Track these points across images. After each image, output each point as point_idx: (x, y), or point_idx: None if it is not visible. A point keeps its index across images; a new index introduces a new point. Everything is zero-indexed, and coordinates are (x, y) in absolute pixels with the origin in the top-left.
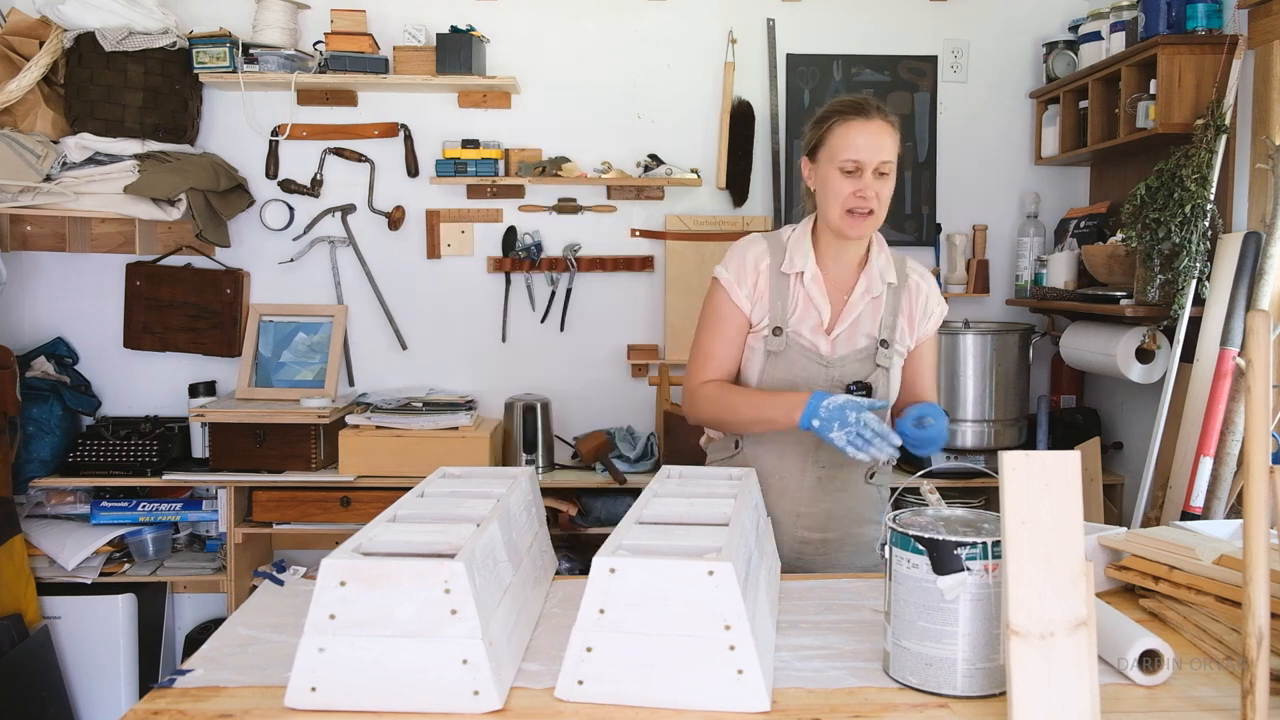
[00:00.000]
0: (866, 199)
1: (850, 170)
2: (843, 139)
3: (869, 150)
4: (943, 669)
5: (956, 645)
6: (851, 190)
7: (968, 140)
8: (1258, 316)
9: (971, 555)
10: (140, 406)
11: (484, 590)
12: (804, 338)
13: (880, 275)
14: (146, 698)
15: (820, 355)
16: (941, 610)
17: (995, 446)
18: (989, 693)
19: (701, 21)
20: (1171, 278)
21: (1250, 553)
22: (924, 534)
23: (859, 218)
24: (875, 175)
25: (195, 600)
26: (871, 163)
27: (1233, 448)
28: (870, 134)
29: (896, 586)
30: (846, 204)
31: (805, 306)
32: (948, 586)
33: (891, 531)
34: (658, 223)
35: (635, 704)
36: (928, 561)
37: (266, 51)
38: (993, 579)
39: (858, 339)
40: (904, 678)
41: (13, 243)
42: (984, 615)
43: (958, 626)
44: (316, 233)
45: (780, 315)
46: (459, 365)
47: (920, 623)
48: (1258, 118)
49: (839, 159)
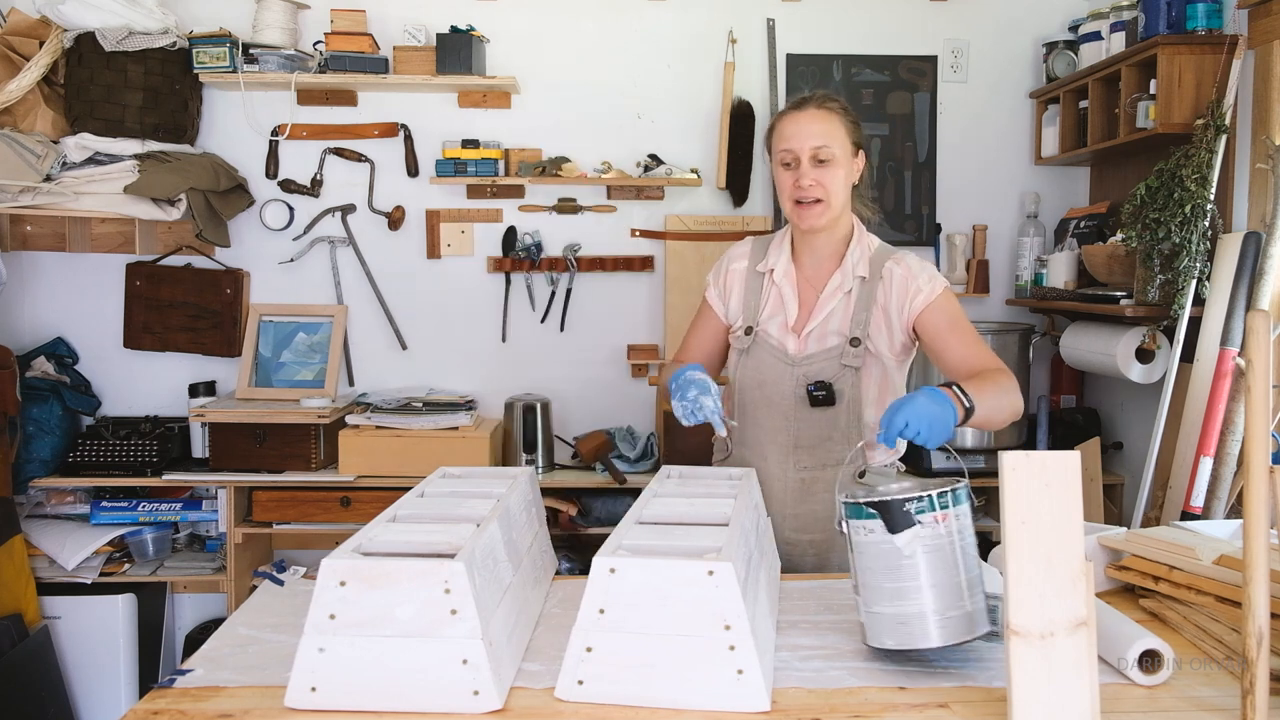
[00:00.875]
0: (804, 188)
1: (788, 163)
2: (778, 134)
3: (799, 138)
4: (916, 624)
5: (923, 598)
6: (792, 182)
7: (968, 140)
8: (1258, 316)
9: (920, 509)
10: (140, 406)
11: (484, 590)
12: (772, 336)
13: (853, 269)
14: (146, 698)
15: (787, 354)
16: (902, 568)
17: (995, 446)
18: (962, 639)
19: (701, 21)
20: (1171, 278)
21: (1250, 553)
22: (872, 499)
23: (805, 208)
24: (813, 163)
25: (195, 600)
26: (803, 150)
27: (1233, 448)
28: (800, 123)
29: (859, 556)
30: (792, 195)
31: (775, 305)
32: (904, 542)
33: (844, 505)
34: (658, 223)
35: (635, 704)
36: (881, 524)
37: (266, 51)
38: (944, 529)
39: (828, 337)
40: (881, 642)
41: (13, 243)
42: (943, 565)
43: (920, 580)
44: (316, 233)
45: (753, 314)
46: (459, 365)
47: (887, 585)
48: (1258, 118)
49: (777, 154)
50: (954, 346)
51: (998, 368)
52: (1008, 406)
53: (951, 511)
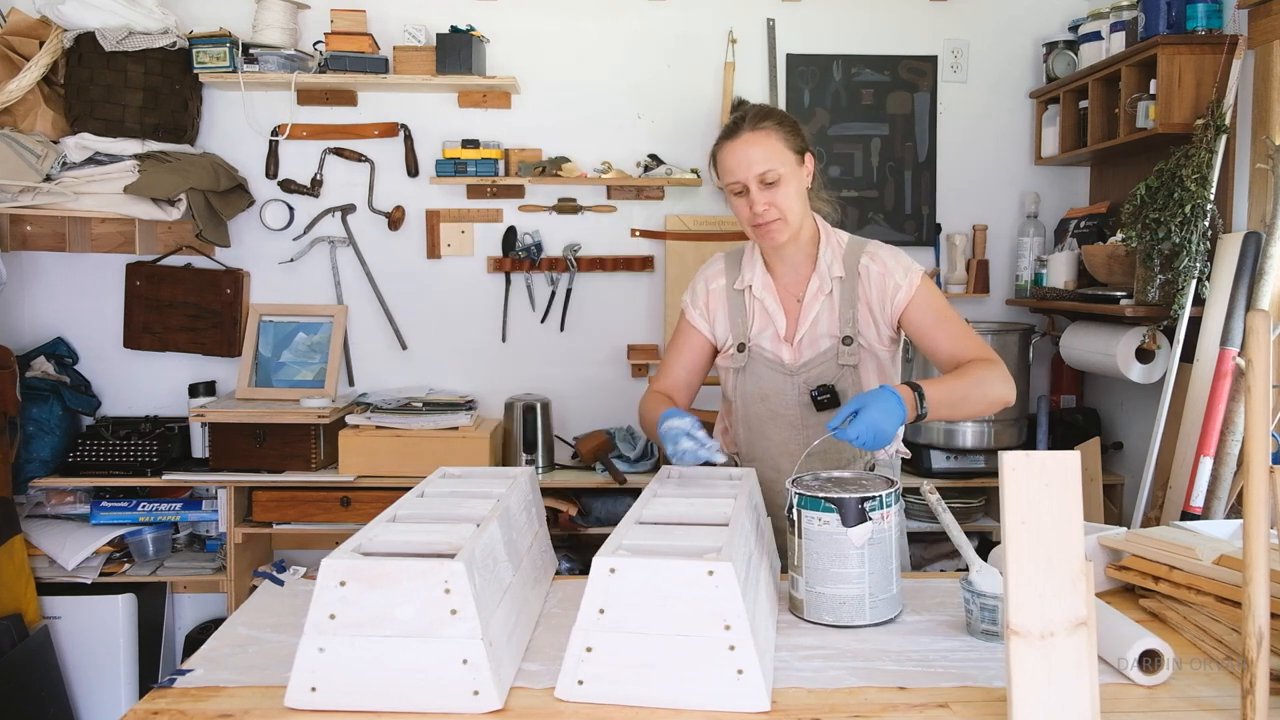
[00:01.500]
0: (759, 213)
1: (737, 192)
2: (721, 166)
3: (741, 168)
4: (852, 605)
5: (863, 584)
6: (746, 208)
7: (968, 140)
8: (1258, 316)
9: (873, 507)
10: (140, 406)
11: (484, 590)
12: (766, 350)
13: (828, 270)
14: (146, 698)
15: (784, 365)
16: (849, 556)
17: (995, 446)
18: (887, 619)
19: (701, 21)
20: (1171, 278)
21: (1250, 553)
22: (831, 495)
23: (765, 228)
24: (761, 186)
25: (195, 600)
26: (749, 178)
27: (1233, 448)
28: (738, 152)
29: (807, 543)
30: (750, 222)
31: (762, 318)
32: (859, 535)
33: (800, 497)
34: (658, 223)
35: (635, 704)
36: (837, 517)
37: (266, 51)
38: (886, 525)
39: (820, 341)
40: (819, 618)
41: (13, 243)
42: (881, 555)
43: (864, 568)
44: (316, 233)
45: (741, 331)
46: (459, 365)
47: (833, 569)
48: (1258, 118)
49: (725, 184)
50: (940, 341)
51: (984, 358)
52: (983, 398)
53: (893, 509)
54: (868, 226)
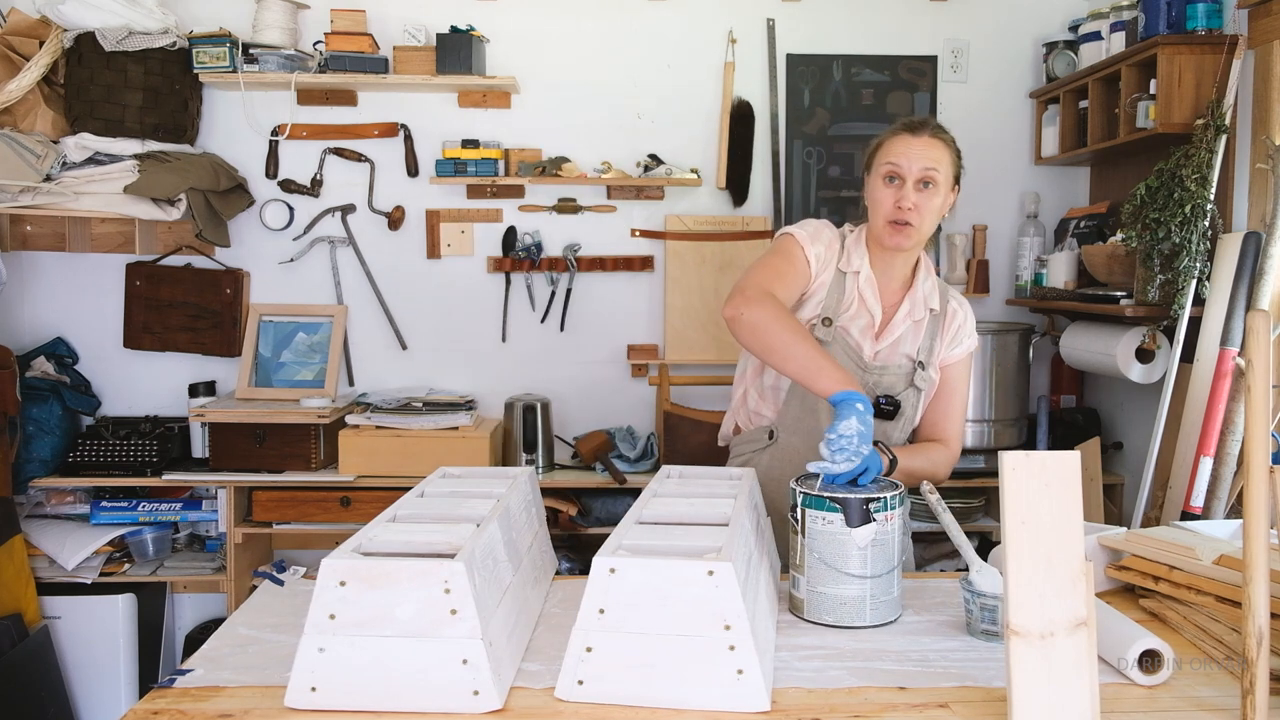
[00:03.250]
0: (904, 209)
1: (893, 177)
2: (888, 151)
3: (911, 157)
4: (853, 606)
5: (864, 585)
6: (893, 200)
7: (967, 140)
8: (1258, 316)
9: (877, 509)
10: (140, 406)
11: (484, 590)
12: (851, 336)
13: (925, 300)
14: (146, 698)
15: (862, 358)
16: (852, 557)
17: (995, 446)
18: (888, 620)
19: (701, 21)
20: (1171, 278)
21: (1250, 553)
22: (835, 495)
23: (898, 228)
24: (917, 187)
25: (195, 600)
26: (911, 171)
27: (1233, 448)
28: (914, 146)
29: (810, 541)
30: (889, 215)
31: (858, 306)
32: (862, 536)
33: (804, 496)
34: (658, 223)
35: (635, 704)
36: (841, 518)
37: (266, 51)
38: (889, 527)
39: (898, 356)
40: (819, 618)
41: (13, 243)
42: (884, 557)
43: (866, 569)
44: (316, 233)
45: (834, 308)
46: (459, 365)
47: (835, 570)
48: (1258, 118)
49: (882, 167)
50: (940, 407)
51: (951, 445)
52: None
53: (896, 511)
54: None
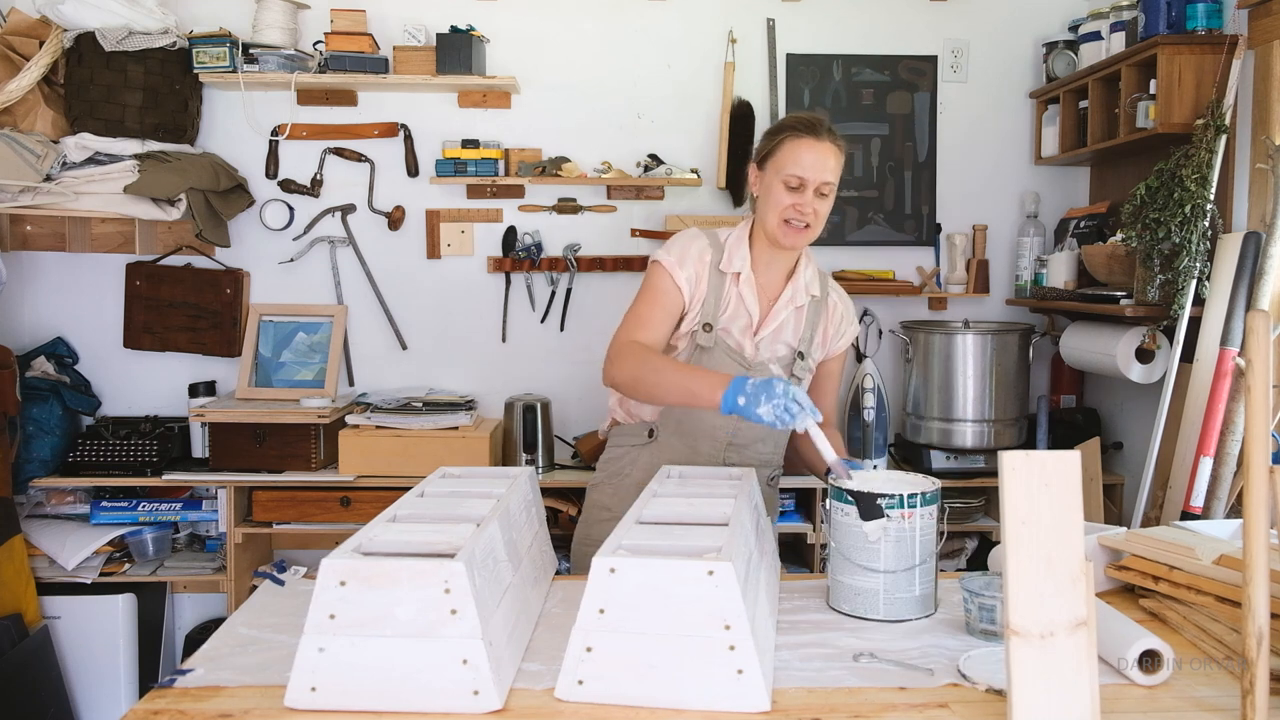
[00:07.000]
0: (804, 214)
1: (794, 186)
2: (791, 154)
3: (814, 169)
4: (868, 598)
5: (879, 579)
6: (792, 203)
7: (968, 140)
8: (1258, 316)
9: (891, 505)
10: (140, 406)
11: (484, 590)
12: (732, 337)
13: (806, 287)
14: (146, 698)
15: (744, 357)
16: (867, 549)
17: (995, 446)
18: (905, 618)
19: (701, 21)
20: (1171, 278)
21: (1250, 553)
22: (851, 488)
23: (794, 229)
24: (816, 194)
25: (195, 600)
26: (814, 181)
27: (1233, 448)
28: (817, 154)
29: (835, 531)
30: (785, 214)
31: (737, 307)
32: (871, 529)
33: (831, 487)
34: (658, 223)
35: (635, 704)
36: (856, 510)
37: (266, 51)
38: (908, 525)
39: (778, 346)
40: (839, 605)
41: (13, 243)
42: (902, 554)
43: (879, 563)
44: (316, 233)
45: (712, 312)
46: (459, 365)
47: (852, 560)
48: (1258, 118)
49: (785, 172)
50: (829, 395)
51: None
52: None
53: (918, 510)
54: (868, 226)
